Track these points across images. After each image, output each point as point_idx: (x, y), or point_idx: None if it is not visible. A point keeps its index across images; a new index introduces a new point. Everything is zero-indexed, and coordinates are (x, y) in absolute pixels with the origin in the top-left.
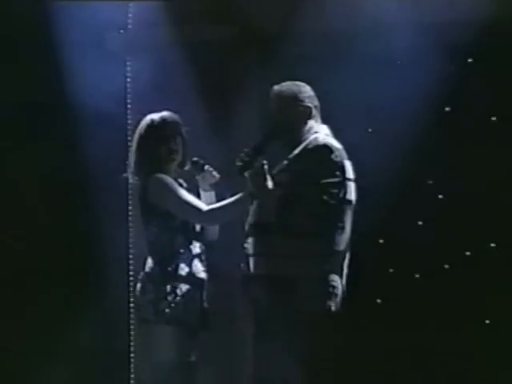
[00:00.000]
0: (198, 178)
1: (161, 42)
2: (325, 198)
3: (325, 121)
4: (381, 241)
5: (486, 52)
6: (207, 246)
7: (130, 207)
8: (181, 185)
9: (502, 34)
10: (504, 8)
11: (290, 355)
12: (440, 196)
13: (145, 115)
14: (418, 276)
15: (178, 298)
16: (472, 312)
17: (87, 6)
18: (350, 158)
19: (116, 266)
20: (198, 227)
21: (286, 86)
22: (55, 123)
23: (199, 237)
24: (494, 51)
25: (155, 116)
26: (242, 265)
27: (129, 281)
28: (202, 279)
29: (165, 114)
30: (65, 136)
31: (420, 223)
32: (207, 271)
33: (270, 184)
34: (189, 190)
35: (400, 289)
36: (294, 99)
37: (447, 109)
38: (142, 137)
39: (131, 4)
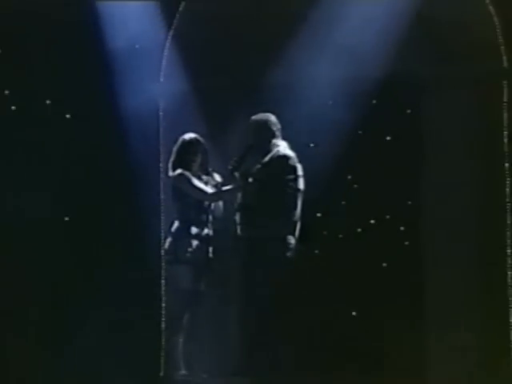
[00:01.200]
0: (205, 179)
1: (184, 89)
2: (285, 188)
3: (284, 138)
4: (318, 214)
5: (384, 96)
6: (215, 218)
7: (161, 190)
8: (201, 179)
9: (395, 84)
10: (394, 67)
11: (263, 286)
12: (355, 186)
13: (175, 137)
14: (341, 236)
15: (189, 249)
16: (374, 258)
17: (129, 59)
18: (300, 162)
19: (152, 227)
20: (206, 204)
21: (259, 116)
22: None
23: (207, 210)
24: (390, 95)
25: (187, 137)
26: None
27: (160, 237)
28: (208, 238)
29: (193, 136)
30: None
31: (343, 203)
32: (213, 233)
33: (250, 179)
34: (206, 182)
35: (330, 244)
36: (264, 125)
37: (360, 132)
38: (177, 148)
39: (164, 62)
